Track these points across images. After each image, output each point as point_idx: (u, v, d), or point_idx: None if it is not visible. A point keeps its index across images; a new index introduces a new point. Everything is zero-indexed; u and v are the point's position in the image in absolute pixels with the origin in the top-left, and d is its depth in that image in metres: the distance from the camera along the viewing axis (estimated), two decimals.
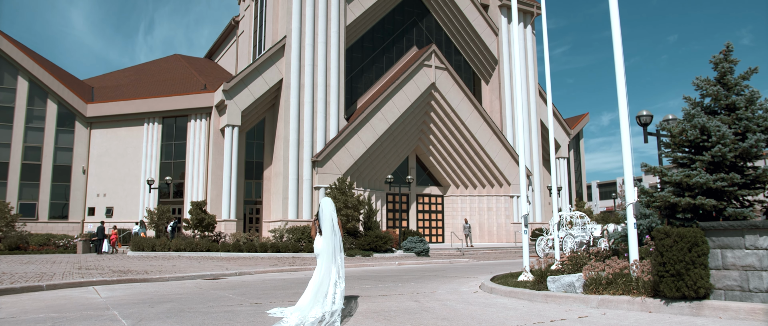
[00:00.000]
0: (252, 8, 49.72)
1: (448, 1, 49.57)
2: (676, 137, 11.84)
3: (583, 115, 59.38)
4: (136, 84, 48.23)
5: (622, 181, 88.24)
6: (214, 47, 60.84)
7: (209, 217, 34.16)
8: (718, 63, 11.61)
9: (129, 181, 42.32)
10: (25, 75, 42.03)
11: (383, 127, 43.10)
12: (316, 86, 41.85)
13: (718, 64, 11.61)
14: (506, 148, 47.76)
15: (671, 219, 11.55)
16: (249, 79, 40.16)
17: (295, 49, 41.45)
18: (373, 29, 48.03)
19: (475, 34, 50.43)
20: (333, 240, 8.88)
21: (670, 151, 12.29)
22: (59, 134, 42.54)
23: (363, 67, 47.20)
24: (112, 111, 42.86)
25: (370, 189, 43.86)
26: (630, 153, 10.48)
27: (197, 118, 42.10)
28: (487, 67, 51.90)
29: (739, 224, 8.28)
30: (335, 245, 8.91)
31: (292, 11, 41.86)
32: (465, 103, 46.39)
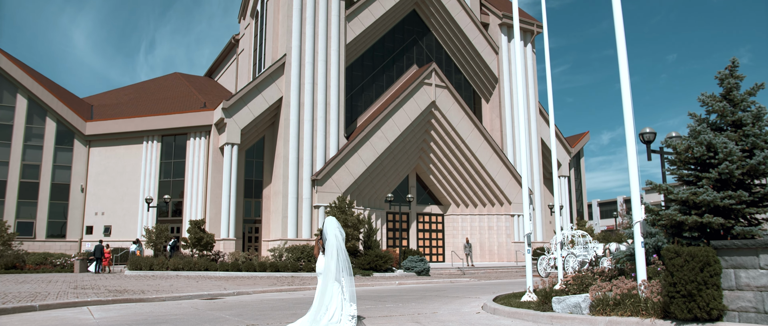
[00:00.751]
0: (252, 27, 49.81)
1: (448, 20, 49.65)
2: (682, 154, 11.63)
3: (584, 133, 59.25)
4: (136, 102, 48.14)
5: (623, 200, 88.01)
6: (214, 65, 60.89)
7: (208, 236, 33.85)
8: (723, 79, 11.44)
9: (127, 200, 42.05)
10: (24, 93, 41.96)
11: (383, 146, 42.93)
12: (316, 104, 41.74)
13: (723, 80, 11.44)
14: (507, 167, 47.55)
15: (678, 238, 11.30)
16: (248, 97, 40.06)
17: (295, 68, 41.40)
18: (373, 47, 48.06)
19: (476, 52, 50.45)
20: (337, 260, 8.62)
21: (676, 169, 12.07)
22: (58, 152, 42.36)
23: (363, 85, 47.15)
24: (111, 129, 42.72)
25: (370, 208, 43.57)
26: (636, 170, 10.26)
27: (196, 136, 41.94)
28: (487, 86, 51.86)
29: (753, 243, 8.04)
30: (340, 265, 8.64)
31: (293, 29, 41.89)
32: (465, 122, 46.26)
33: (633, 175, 10.28)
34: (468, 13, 49.73)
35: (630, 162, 10.27)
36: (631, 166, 10.26)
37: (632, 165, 10.27)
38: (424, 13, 50.20)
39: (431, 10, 49.69)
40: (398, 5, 47.49)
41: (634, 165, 10.29)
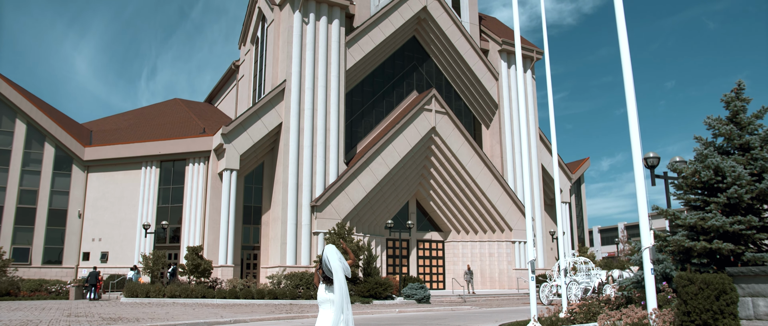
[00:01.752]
0: (252, 53, 49.93)
1: (447, 46, 49.78)
2: (689, 178, 11.40)
3: (584, 159, 59.09)
4: (135, 127, 48.03)
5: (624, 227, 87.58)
6: (215, 91, 60.93)
7: (205, 263, 33.43)
8: (729, 101, 11.28)
9: (125, 226, 41.67)
10: (23, 118, 41.85)
11: (383, 172, 42.69)
12: (316, 130, 41.62)
13: (729, 103, 11.27)
14: (507, 193, 47.25)
15: (686, 265, 11.01)
16: (248, 123, 39.94)
17: (295, 93, 41.36)
18: (373, 73, 48.09)
19: (475, 78, 50.50)
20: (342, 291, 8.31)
21: (682, 193, 11.83)
22: (56, 177, 42.11)
23: (363, 111, 47.07)
24: (109, 154, 42.52)
25: (370, 234, 43.18)
26: (644, 194, 10.00)
27: (195, 161, 41.72)
28: (487, 112, 51.82)
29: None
30: (343, 294, 8.34)
31: (292, 55, 41.94)
32: (465, 148, 46.10)
33: (641, 200, 10.02)
34: (468, 40, 49.89)
35: (638, 186, 10.02)
36: (638, 191, 10.00)
37: (640, 190, 10.01)
38: (424, 39, 50.37)
39: (431, 37, 49.86)
40: (398, 31, 47.65)
41: (641, 189, 10.03)
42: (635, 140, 10.19)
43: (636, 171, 10.00)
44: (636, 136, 10.28)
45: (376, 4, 47.49)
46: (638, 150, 10.13)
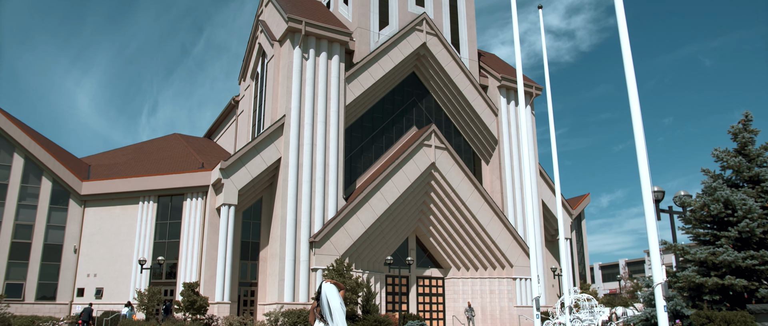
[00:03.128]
0: (252, 88, 50.01)
1: (447, 82, 49.91)
2: (697, 212, 11.12)
3: (584, 195, 58.78)
4: (134, 162, 47.81)
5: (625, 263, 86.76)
6: (214, 126, 60.92)
7: (201, 299, 32.86)
8: (737, 133, 11.07)
9: (121, 261, 41.11)
10: (21, 152, 41.63)
11: (383, 207, 42.32)
12: (315, 165, 41.39)
13: (737, 135, 11.06)
14: (508, 229, 46.82)
15: (698, 302, 10.65)
16: (247, 158, 39.73)
17: (294, 128, 41.25)
18: (372, 109, 48.07)
19: (475, 114, 50.50)
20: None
21: (691, 227, 11.54)
22: (52, 212, 41.69)
23: (362, 146, 46.92)
24: (107, 189, 42.20)
25: (369, 271, 42.60)
26: (655, 229, 9.70)
27: (193, 197, 41.38)
28: (487, 147, 51.69)
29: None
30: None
31: (292, 90, 41.96)
32: (465, 183, 45.83)
33: (651, 234, 9.71)
34: (467, 76, 50.06)
35: (648, 220, 9.72)
36: (649, 225, 9.70)
37: (650, 224, 9.71)
38: (424, 75, 50.53)
39: (430, 73, 50.03)
40: (398, 67, 47.82)
41: (652, 223, 9.73)
42: (644, 175, 9.94)
43: (646, 205, 9.72)
44: (645, 171, 10.04)
45: (376, 40, 47.76)
46: (647, 184, 9.87)
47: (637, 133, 10.44)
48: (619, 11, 11.25)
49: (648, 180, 9.91)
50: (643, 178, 9.92)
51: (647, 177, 9.91)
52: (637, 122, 10.57)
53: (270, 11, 47.62)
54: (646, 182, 9.91)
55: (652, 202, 9.70)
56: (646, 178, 9.88)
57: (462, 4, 54.18)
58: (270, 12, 47.59)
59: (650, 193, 9.80)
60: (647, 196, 9.76)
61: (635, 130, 10.48)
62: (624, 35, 11.13)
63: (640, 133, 10.43)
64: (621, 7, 11.32)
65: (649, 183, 9.92)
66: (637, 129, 10.51)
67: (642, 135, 10.40)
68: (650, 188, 9.88)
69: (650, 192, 9.81)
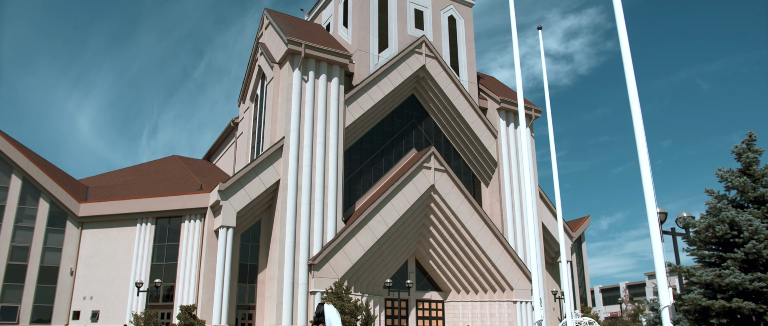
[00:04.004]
0: (252, 110, 50.00)
1: (446, 105, 49.94)
2: (702, 233, 10.97)
3: (584, 218, 58.52)
4: (132, 184, 47.58)
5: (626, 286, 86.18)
6: (213, 149, 60.82)
7: (198, 323, 32.48)
8: (741, 153, 10.95)
9: (118, 284, 40.70)
10: (19, 173, 41.43)
11: (382, 230, 42.06)
12: (314, 187, 41.20)
13: (741, 155, 10.95)
14: (508, 252, 46.52)
15: (703, 325, 10.45)
16: (246, 180, 39.56)
17: (294, 150, 41.14)
18: (372, 131, 48.01)
19: (474, 136, 50.46)
20: None
21: (696, 249, 11.37)
22: (49, 234, 41.35)
23: (362, 168, 46.77)
24: (104, 211, 41.93)
25: (368, 294, 42.20)
26: (661, 250, 9.53)
27: (191, 218, 41.12)
28: (486, 169, 51.56)
29: None
30: None
31: (291, 112, 41.93)
32: (465, 206, 45.62)
33: (657, 256, 9.54)
34: (466, 98, 50.11)
35: (654, 243, 9.56)
36: (655, 247, 9.53)
37: (656, 247, 9.54)
38: (423, 97, 50.59)
39: (430, 95, 50.09)
40: (397, 90, 47.88)
41: (658, 246, 9.56)
42: (649, 197, 9.80)
43: (651, 227, 9.57)
44: (650, 193, 9.90)
45: (376, 63, 47.88)
46: (653, 206, 9.72)
47: (642, 154, 10.32)
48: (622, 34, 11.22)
49: (653, 202, 9.77)
50: (648, 200, 9.78)
51: (652, 199, 9.77)
52: (641, 144, 10.46)
53: (270, 34, 47.81)
54: (651, 204, 9.77)
55: (658, 224, 9.55)
56: (651, 200, 9.74)
57: (461, 27, 54.46)
58: (270, 35, 47.78)
59: (656, 215, 9.66)
60: (653, 218, 9.62)
61: (639, 152, 10.37)
62: (627, 57, 11.08)
63: (644, 154, 10.31)
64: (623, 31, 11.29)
65: (654, 205, 9.78)
66: (641, 150, 10.40)
67: (646, 156, 10.29)
68: (655, 210, 9.73)
69: (656, 214, 9.67)
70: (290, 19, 50.69)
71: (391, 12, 50.64)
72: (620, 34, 11.11)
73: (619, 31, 11.04)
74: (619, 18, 11.14)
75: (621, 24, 10.67)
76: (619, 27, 10.78)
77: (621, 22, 10.57)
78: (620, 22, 10.70)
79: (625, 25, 11.28)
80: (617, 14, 11.27)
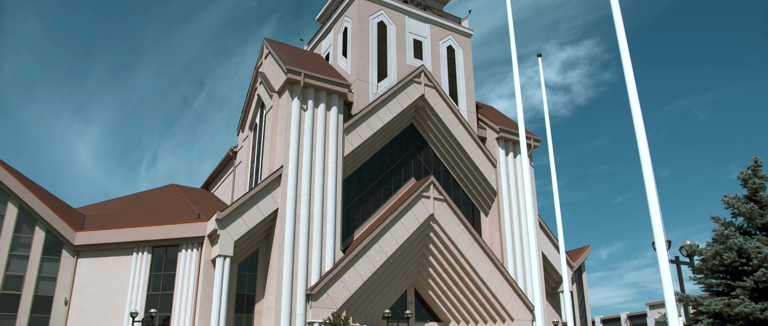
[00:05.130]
0: (250, 139, 49.91)
1: (445, 134, 49.92)
2: (709, 261, 10.75)
3: (584, 247, 58.09)
4: (129, 212, 47.23)
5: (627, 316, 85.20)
6: (212, 177, 60.60)
7: None
8: (747, 179, 10.79)
9: (112, 314, 40.09)
10: (15, 201, 41.10)
11: (381, 259, 41.65)
12: (312, 217, 40.90)
13: (747, 181, 10.78)
14: (508, 282, 46.04)
15: None
16: (243, 209, 39.26)
17: (292, 179, 40.94)
18: (371, 160, 47.88)
19: (474, 165, 50.33)
20: None
21: (703, 277, 11.14)
22: (44, 262, 40.86)
23: (361, 197, 46.52)
24: (101, 239, 41.51)
25: (367, 324, 41.61)
26: (669, 278, 9.30)
27: (188, 248, 40.71)
28: (486, 199, 51.32)
29: None
30: None
31: (290, 141, 41.84)
32: (464, 235, 45.28)
33: (666, 286, 9.30)
34: (465, 127, 50.11)
35: (663, 272, 9.33)
36: (663, 277, 9.30)
37: (666, 276, 9.31)
38: (422, 127, 50.58)
39: (429, 124, 50.10)
40: (396, 119, 47.89)
41: (667, 275, 9.33)
42: (657, 225, 9.60)
43: (659, 256, 9.35)
44: (658, 221, 9.70)
45: (375, 92, 47.96)
46: (661, 235, 9.52)
47: (648, 183, 10.16)
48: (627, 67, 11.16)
49: (661, 231, 9.57)
50: (655, 229, 9.57)
51: (660, 228, 9.57)
52: (648, 173, 10.31)
53: (269, 63, 47.97)
54: (659, 233, 9.57)
55: (666, 252, 9.34)
56: (659, 229, 9.54)
57: (460, 57, 54.74)
58: (269, 64, 47.94)
59: (663, 243, 9.45)
60: (661, 246, 9.40)
61: (646, 180, 10.22)
62: (631, 87, 10.99)
63: (651, 182, 10.15)
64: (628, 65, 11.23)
65: (662, 233, 9.57)
66: (647, 179, 10.25)
67: (653, 184, 10.12)
68: (663, 238, 9.52)
69: (663, 243, 9.45)
70: (290, 48, 50.94)
71: (390, 42, 50.93)
72: (625, 67, 11.04)
73: (625, 65, 10.96)
74: (623, 48, 11.08)
75: (626, 59, 10.60)
76: (625, 61, 10.70)
77: (626, 57, 10.50)
78: (625, 58, 10.63)
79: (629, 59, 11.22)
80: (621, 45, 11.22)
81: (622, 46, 11.18)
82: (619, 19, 11.53)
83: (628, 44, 11.53)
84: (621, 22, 11.50)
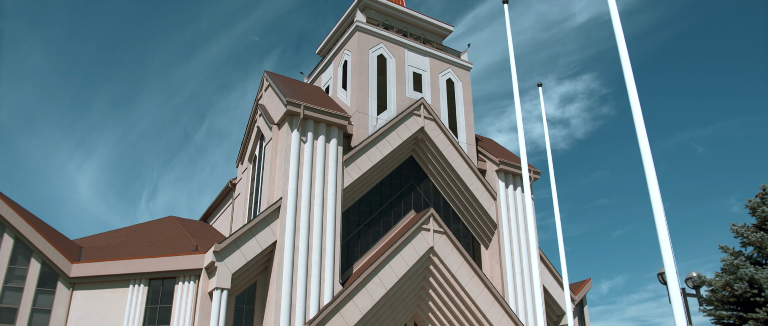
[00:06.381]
0: (250, 171, 49.78)
1: (445, 166, 49.83)
2: (718, 292, 10.52)
3: (585, 281, 57.53)
4: (127, 244, 46.81)
5: None
6: (210, 210, 60.29)
7: None
8: (755, 208, 10.63)
9: None
10: (11, 232, 40.73)
11: (380, 293, 41.14)
12: (311, 249, 40.53)
13: (756, 209, 10.62)
14: (509, 316, 45.41)
15: None
16: (242, 241, 38.92)
17: (291, 211, 40.68)
18: (370, 193, 47.67)
19: (474, 198, 50.12)
20: None
21: (713, 309, 10.89)
22: (39, 295, 40.30)
23: (360, 230, 46.19)
24: (97, 271, 41.01)
25: None
26: (682, 313, 9.03)
27: (185, 280, 40.22)
28: (486, 232, 50.99)
29: None
30: None
31: (289, 173, 41.70)
32: (465, 268, 44.83)
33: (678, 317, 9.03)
34: (465, 160, 50.04)
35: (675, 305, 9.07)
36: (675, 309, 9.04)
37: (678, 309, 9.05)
38: (422, 159, 50.51)
39: (428, 157, 50.04)
40: (396, 151, 47.83)
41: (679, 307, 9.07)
42: (668, 258, 9.40)
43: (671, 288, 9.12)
44: (668, 255, 9.50)
45: (374, 125, 48.00)
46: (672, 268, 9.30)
47: (658, 215, 9.99)
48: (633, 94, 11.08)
49: (672, 265, 9.35)
50: (666, 261, 9.36)
51: (671, 261, 9.36)
52: (657, 205, 10.15)
53: (269, 95, 48.10)
54: (669, 265, 9.35)
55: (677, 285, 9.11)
56: (669, 261, 9.33)
57: (459, 89, 54.97)
58: (269, 96, 48.07)
59: (675, 277, 9.22)
60: (672, 279, 9.18)
61: (655, 212, 10.05)
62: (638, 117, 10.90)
63: (660, 214, 9.98)
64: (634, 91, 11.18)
65: (673, 266, 9.36)
66: (657, 211, 10.08)
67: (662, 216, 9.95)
68: (674, 272, 9.31)
69: (675, 277, 9.23)
70: (289, 81, 51.16)
71: (390, 75, 51.18)
72: (631, 98, 10.97)
73: (631, 96, 10.89)
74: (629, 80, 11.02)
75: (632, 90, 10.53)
76: (631, 92, 10.63)
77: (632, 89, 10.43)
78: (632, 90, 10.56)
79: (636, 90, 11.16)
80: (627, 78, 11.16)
81: (628, 78, 11.12)
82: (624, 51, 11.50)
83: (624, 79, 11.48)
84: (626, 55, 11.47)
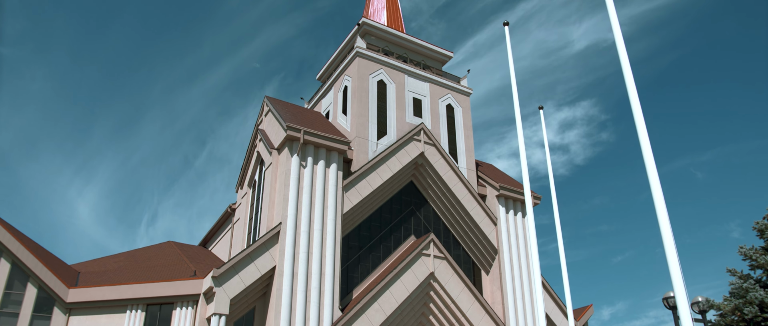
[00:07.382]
0: (249, 196, 49.59)
1: (445, 192, 49.65)
2: (728, 316, 10.31)
3: (587, 307, 56.92)
4: (124, 269, 46.38)
5: None
6: (210, 235, 59.93)
7: None
8: (763, 230, 10.48)
9: None
10: (8, 257, 40.37)
11: (380, 319, 40.66)
12: (311, 274, 40.17)
13: (764, 231, 10.47)
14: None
15: None
16: (240, 266, 38.57)
17: (290, 236, 40.41)
18: (370, 218, 47.40)
19: (474, 223, 49.85)
20: None
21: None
22: (34, 320, 39.79)
23: (359, 255, 45.84)
24: (94, 297, 40.56)
25: None
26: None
27: (183, 306, 39.77)
28: (486, 257, 50.62)
29: None
30: None
31: (289, 198, 41.50)
32: (465, 294, 44.40)
33: None
34: (465, 185, 49.88)
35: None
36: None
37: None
38: (422, 184, 50.35)
39: (428, 182, 49.88)
40: (396, 176, 47.70)
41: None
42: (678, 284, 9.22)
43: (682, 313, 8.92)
44: (679, 280, 9.33)
45: (374, 150, 47.94)
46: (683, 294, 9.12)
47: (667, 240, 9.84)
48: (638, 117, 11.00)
49: (683, 290, 9.17)
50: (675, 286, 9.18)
51: (681, 285, 9.18)
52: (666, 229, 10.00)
53: (269, 120, 48.12)
54: (680, 292, 9.17)
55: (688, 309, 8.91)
56: (680, 288, 9.15)
57: (459, 115, 55.03)
58: (269, 121, 48.08)
59: (686, 304, 9.03)
60: (683, 306, 8.99)
61: (664, 237, 9.89)
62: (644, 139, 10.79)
63: (669, 239, 9.83)
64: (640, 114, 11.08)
65: (684, 293, 9.18)
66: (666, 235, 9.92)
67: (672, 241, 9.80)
68: (685, 297, 9.13)
69: (686, 303, 9.04)
70: (290, 106, 51.22)
71: (390, 100, 51.27)
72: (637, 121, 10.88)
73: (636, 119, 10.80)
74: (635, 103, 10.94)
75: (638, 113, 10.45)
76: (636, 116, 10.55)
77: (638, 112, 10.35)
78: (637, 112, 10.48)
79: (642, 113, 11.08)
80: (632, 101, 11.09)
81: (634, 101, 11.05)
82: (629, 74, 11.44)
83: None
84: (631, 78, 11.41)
